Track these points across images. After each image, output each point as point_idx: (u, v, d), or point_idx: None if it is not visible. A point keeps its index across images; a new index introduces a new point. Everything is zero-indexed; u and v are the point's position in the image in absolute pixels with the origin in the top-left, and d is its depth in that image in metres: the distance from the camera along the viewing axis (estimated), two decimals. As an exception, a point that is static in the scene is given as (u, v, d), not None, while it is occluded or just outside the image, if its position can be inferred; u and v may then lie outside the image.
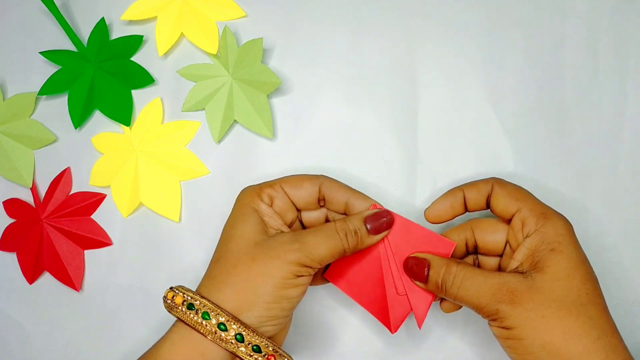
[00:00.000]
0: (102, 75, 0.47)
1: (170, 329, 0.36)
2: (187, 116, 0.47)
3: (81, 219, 0.46)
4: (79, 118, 0.46)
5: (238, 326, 0.33)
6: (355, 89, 0.46)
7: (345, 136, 0.46)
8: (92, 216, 0.46)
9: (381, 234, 0.38)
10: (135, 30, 0.48)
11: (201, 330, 0.34)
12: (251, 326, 0.34)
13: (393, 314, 0.38)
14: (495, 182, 0.38)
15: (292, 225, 0.40)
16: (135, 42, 0.47)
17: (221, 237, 0.38)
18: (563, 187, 0.45)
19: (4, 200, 0.47)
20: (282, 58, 0.47)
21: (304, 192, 0.39)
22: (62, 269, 0.46)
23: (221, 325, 0.33)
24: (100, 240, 0.46)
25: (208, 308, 0.34)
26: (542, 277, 0.34)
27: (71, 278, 0.46)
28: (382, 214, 0.38)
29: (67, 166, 0.47)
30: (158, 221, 0.46)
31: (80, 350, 0.46)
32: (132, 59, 0.47)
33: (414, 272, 0.37)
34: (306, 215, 0.40)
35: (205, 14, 0.47)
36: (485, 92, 0.45)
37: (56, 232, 0.46)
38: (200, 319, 0.34)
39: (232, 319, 0.34)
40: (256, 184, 0.39)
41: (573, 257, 0.35)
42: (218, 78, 0.46)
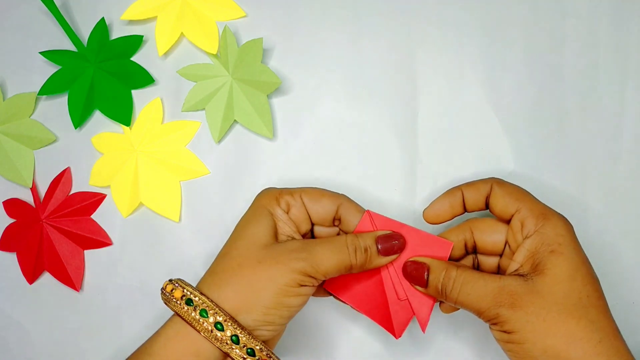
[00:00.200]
0: (102, 75, 0.47)
1: (166, 323, 0.35)
2: (187, 116, 0.47)
3: (81, 219, 0.46)
4: (79, 118, 0.46)
5: (235, 327, 0.33)
6: (355, 89, 0.46)
7: (345, 136, 0.46)
8: (92, 216, 0.47)
9: (390, 257, 0.37)
10: (135, 30, 0.48)
11: (197, 327, 0.33)
12: (247, 328, 0.34)
13: (396, 320, 0.38)
14: (494, 182, 0.38)
15: (305, 236, 0.39)
16: (135, 42, 0.47)
17: (232, 234, 0.37)
18: (563, 187, 0.45)
19: (4, 200, 0.47)
20: (282, 58, 0.47)
21: (321, 209, 0.38)
22: (62, 269, 0.46)
23: (218, 324, 0.33)
24: (100, 240, 0.46)
25: (207, 305, 0.34)
26: (543, 280, 0.34)
27: (71, 278, 0.46)
28: (395, 237, 0.37)
29: (67, 166, 0.47)
30: (158, 221, 0.46)
31: (80, 350, 0.46)
32: (132, 59, 0.47)
33: (414, 277, 0.37)
34: (319, 229, 0.40)
35: (205, 14, 0.47)
36: (485, 92, 0.45)
37: (56, 232, 0.46)
38: (197, 316, 0.34)
39: (230, 320, 0.33)
40: (276, 188, 0.39)
41: (573, 259, 0.34)
42: (218, 78, 0.46)
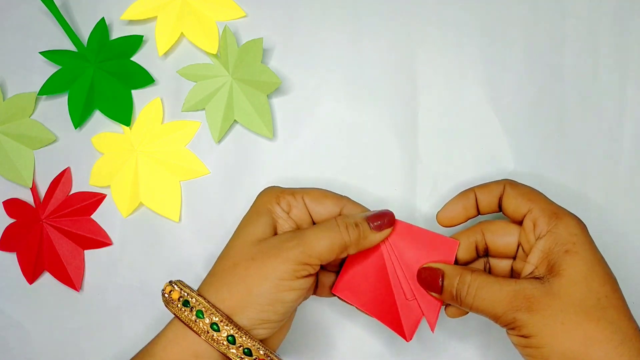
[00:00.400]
0: (102, 75, 0.47)
1: (166, 326, 0.36)
2: (187, 116, 0.47)
3: (81, 219, 0.46)
4: (79, 118, 0.46)
5: (230, 327, 0.33)
6: (355, 89, 0.46)
7: (345, 136, 0.46)
8: (92, 216, 0.47)
9: (384, 232, 0.37)
10: (135, 30, 0.48)
11: (194, 328, 0.34)
12: (244, 328, 0.34)
13: (405, 321, 0.37)
14: (507, 183, 0.37)
15: None
16: (135, 42, 0.47)
17: (232, 235, 0.37)
18: (563, 187, 0.45)
19: (4, 200, 0.47)
20: (282, 58, 0.47)
21: (324, 210, 0.38)
22: (62, 269, 0.46)
23: (214, 325, 0.33)
24: (100, 240, 0.46)
25: (203, 307, 0.34)
26: (559, 282, 0.33)
27: (71, 278, 0.46)
28: (384, 212, 0.37)
29: (67, 166, 0.47)
30: (158, 221, 0.46)
31: (80, 350, 0.46)
32: (132, 59, 0.47)
33: (428, 283, 0.36)
34: None
35: (205, 14, 0.47)
36: (485, 92, 0.45)
37: (56, 232, 0.46)
38: (194, 317, 0.34)
39: (226, 320, 0.33)
40: (279, 187, 0.39)
41: (589, 258, 0.34)
42: (218, 78, 0.46)
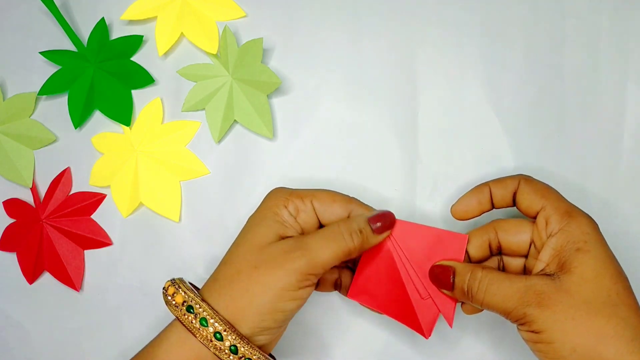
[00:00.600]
0: (102, 75, 0.47)
1: (168, 328, 0.36)
2: (187, 116, 0.47)
3: (81, 219, 0.46)
4: (79, 118, 0.46)
5: (233, 337, 0.33)
6: (355, 89, 0.46)
7: (345, 136, 0.46)
8: (92, 216, 0.46)
9: (384, 234, 0.37)
10: (135, 30, 0.48)
11: (197, 335, 0.33)
12: (246, 337, 0.34)
13: (423, 319, 0.38)
14: (522, 179, 0.38)
15: None
16: (135, 42, 0.47)
17: (236, 238, 0.37)
18: (563, 187, 0.44)
19: (4, 200, 0.47)
20: (282, 58, 0.47)
21: (332, 215, 0.38)
22: (62, 269, 0.46)
23: (217, 334, 0.33)
24: (100, 240, 0.46)
25: (207, 314, 0.34)
26: (570, 279, 0.33)
27: (71, 278, 0.46)
28: (385, 213, 0.37)
29: (67, 166, 0.47)
30: (158, 221, 0.46)
31: (80, 350, 0.46)
32: (132, 59, 0.47)
33: (440, 280, 0.37)
34: None
35: (205, 14, 0.47)
36: (485, 92, 0.45)
37: (56, 232, 0.46)
38: (197, 325, 0.34)
39: (229, 329, 0.33)
40: (287, 189, 0.38)
41: (600, 256, 0.34)
42: (218, 78, 0.46)
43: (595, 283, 0.33)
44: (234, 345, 0.33)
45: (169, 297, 0.35)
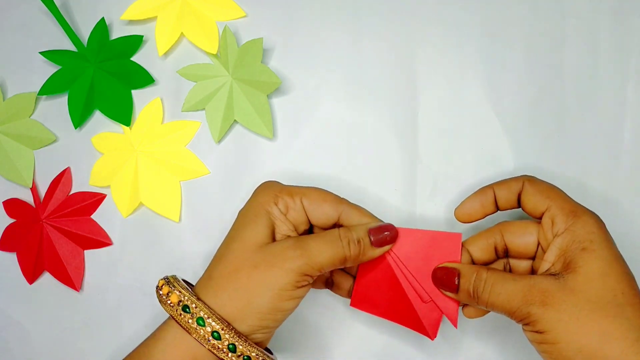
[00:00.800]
0: (102, 75, 0.47)
1: (162, 327, 0.36)
2: (187, 116, 0.47)
3: (81, 219, 0.46)
4: (79, 118, 0.46)
5: (231, 336, 0.33)
6: (355, 89, 0.46)
7: (345, 136, 0.46)
8: (92, 216, 0.46)
9: (384, 248, 0.37)
10: (135, 30, 0.48)
11: (194, 335, 0.33)
12: (244, 334, 0.34)
13: (427, 322, 0.38)
14: (526, 180, 0.37)
15: (303, 234, 0.39)
16: (135, 42, 0.47)
17: (229, 234, 0.37)
18: (563, 187, 0.44)
19: (4, 200, 0.47)
20: (282, 58, 0.47)
21: (323, 215, 0.37)
22: (62, 269, 0.46)
23: (215, 333, 0.33)
24: (100, 240, 0.46)
25: (204, 313, 0.34)
26: (575, 278, 0.33)
27: (71, 278, 0.46)
28: (387, 227, 0.37)
29: (67, 166, 0.47)
30: (158, 221, 0.46)
31: (80, 350, 0.46)
32: (132, 59, 0.47)
33: (444, 283, 0.37)
34: (318, 230, 0.39)
35: (205, 14, 0.47)
36: (485, 92, 0.45)
37: (56, 232, 0.46)
38: (194, 325, 0.33)
39: (227, 328, 0.33)
40: (277, 185, 0.38)
41: (606, 256, 0.33)
42: (218, 78, 0.46)
43: (600, 283, 0.33)
44: (232, 343, 0.33)
45: (163, 296, 0.35)
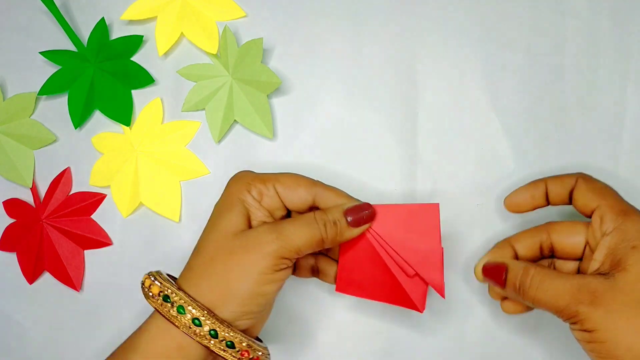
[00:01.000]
0: (102, 75, 0.47)
1: (148, 320, 0.36)
2: (187, 116, 0.47)
3: (81, 219, 0.46)
4: (79, 118, 0.46)
5: (212, 322, 0.33)
6: (355, 89, 0.46)
7: (345, 136, 0.46)
8: (92, 216, 0.47)
9: (361, 227, 0.37)
10: (135, 30, 0.48)
11: (176, 323, 0.34)
12: (226, 321, 0.34)
13: (414, 295, 0.38)
14: (580, 177, 0.37)
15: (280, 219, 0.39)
16: (135, 42, 0.47)
17: (206, 225, 0.38)
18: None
19: (4, 200, 0.47)
20: (282, 58, 0.47)
21: (297, 199, 0.37)
22: (62, 269, 0.46)
23: (195, 320, 0.33)
24: (100, 240, 0.46)
25: (184, 302, 0.34)
26: (624, 277, 0.33)
27: (71, 278, 0.46)
28: (363, 207, 0.37)
29: (67, 166, 0.47)
30: (158, 221, 0.46)
31: (80, 350, 0.46)
32: (132, 59, 0.47)
33: (492, 277, 0.37)
34: (296, 215, 0.39)
35: (205, 14, 0.47)
36: (485, 93, 0.45)
37: (56, 232, 0.46)
38: (175, 313, 0.34)
39: (207, 314, 0.34)
40: (250, 174, 0.38)
41: None
42: (218, 78, 0.46)
43: None
44: (214, 329, 0.33)
45: (146, 289, 0.35)
